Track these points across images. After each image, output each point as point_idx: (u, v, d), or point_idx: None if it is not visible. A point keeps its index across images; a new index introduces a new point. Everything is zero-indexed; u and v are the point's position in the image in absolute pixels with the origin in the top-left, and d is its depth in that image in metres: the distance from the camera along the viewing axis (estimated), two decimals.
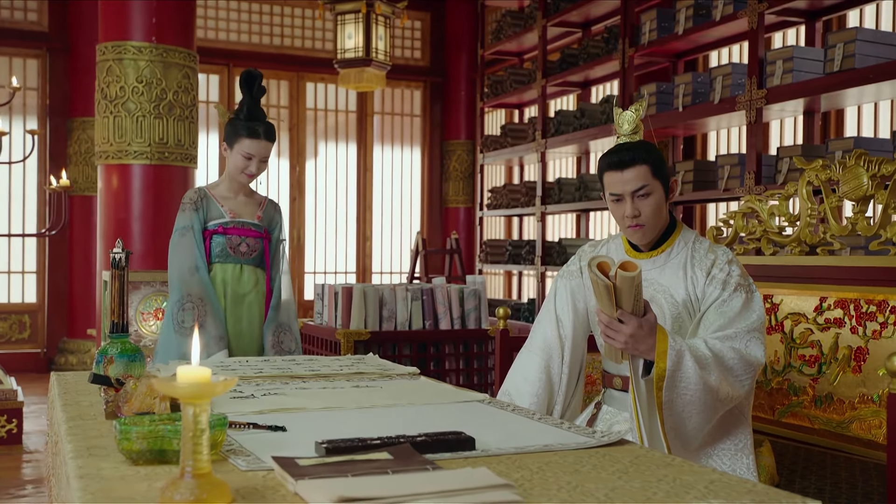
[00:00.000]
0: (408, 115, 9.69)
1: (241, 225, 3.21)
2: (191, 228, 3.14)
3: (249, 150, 3.11)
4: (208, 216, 3.18)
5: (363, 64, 6.93)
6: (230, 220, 3.18)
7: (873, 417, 2.44)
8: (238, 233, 3.19)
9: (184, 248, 3.13)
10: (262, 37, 9.15)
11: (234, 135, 3.13)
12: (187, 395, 1.24)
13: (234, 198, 3.24)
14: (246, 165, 3.13)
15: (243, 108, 3.16)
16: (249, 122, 3.13)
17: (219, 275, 3.17)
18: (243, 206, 3.23)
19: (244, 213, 3.22)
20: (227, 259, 3.19)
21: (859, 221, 2.51)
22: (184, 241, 3.14)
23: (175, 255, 3.15)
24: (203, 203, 3.18)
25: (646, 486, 1.37)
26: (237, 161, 3.14)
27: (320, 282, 9.38)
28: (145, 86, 5.32)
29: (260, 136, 3.13)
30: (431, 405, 2.10)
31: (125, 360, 2.16)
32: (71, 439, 1.65)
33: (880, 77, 3.73)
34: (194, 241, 3.13)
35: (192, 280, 3.08)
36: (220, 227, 3.17)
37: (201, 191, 3.23)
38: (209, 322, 3.02)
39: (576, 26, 6.31)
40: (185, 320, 3.01)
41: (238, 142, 3.12)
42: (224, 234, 3.17)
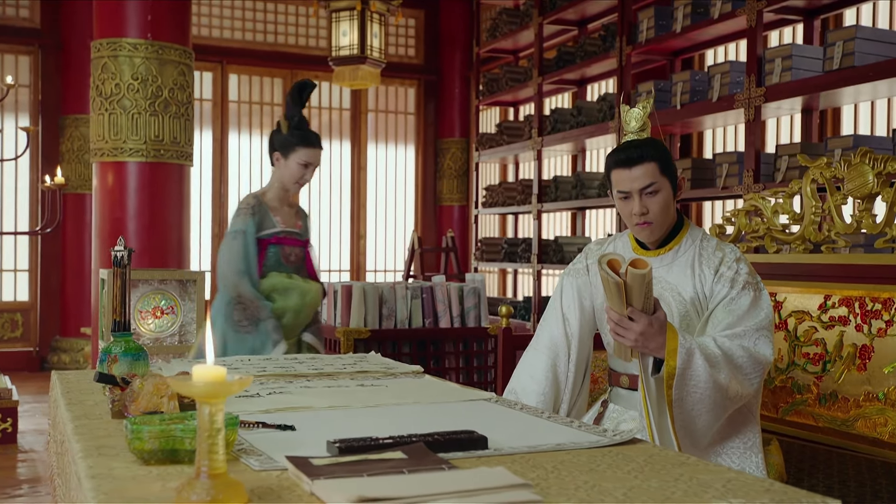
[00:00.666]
0: (402, 113, 9.68)
1: (290, 235, 3.29)
2: (243, 233, 3.18)
3: (307, 158, 3.20)
4: (262, 224, 3.23)
5: (358, 61, 6.91)
6: (282, 230, 3.25)
7: (879, 415, 2.44)
8: (289, 242, 3.26)
9: (233, 251, 3.17)
10: (256, 34, 9.12)
11: (288, 145, 3.21)
12: (203, 395, 1.22)
13: (280, 207, 3.30)
14: (302, 174, 3.22)
15: (294, 117, 3.24)
16: (302, 131, 3.22)
17: (274, 282, 3.23)
18: (288, 215, 3.31)
19: (290, 223, 3.30)
20: (280, 268, 3.25)
21: (864, 219, 2.50)
22: (234, 245, 3.18)
23: (224, 258, 3.20)
24: (259, 210, 3.23)
25: (663, 485, 1.36)
26: (293, 170, 3.21)
27: None
28: (141, 83, 5.28)
29: (314, 145, 3.24)
30: (438, 404, 2.09)
31: (129, 359, 2.14)
32: (79, 439, 1.63)
33: (880, 75, 3.73)
34: (244, 245, 3.17)
35: (240, 283, 3.14)
36: (274, 237, 3.23)
37: (257, 198, 3.27)
38: (265, 317, 3.11)
39: (572, 24, 6.31)
40: (241, 319, 3.11)
41: (294, 151, 3.20)
42: (278, 245, 3.23)
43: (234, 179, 8.98)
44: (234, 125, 9.03)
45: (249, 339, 3.09)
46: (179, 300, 3.69)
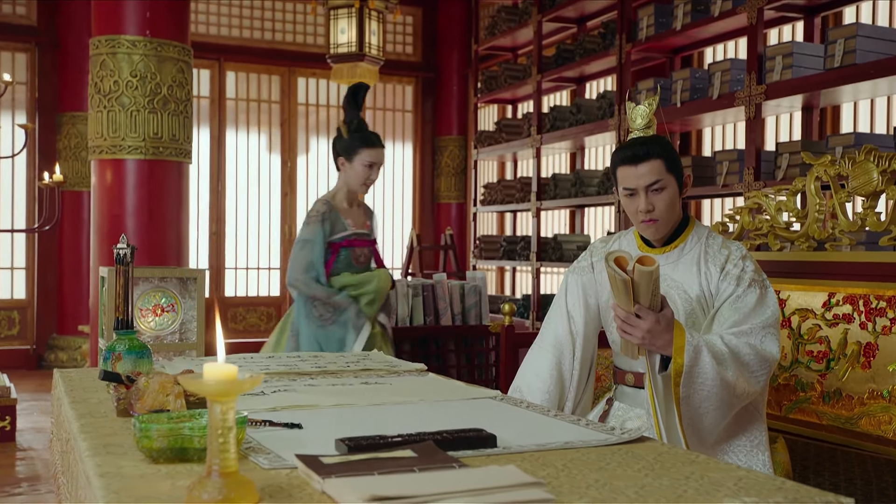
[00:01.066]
0: (399, 111, 9.66)
1: (360, 237, 3.39)
2: (311, 242, 3.29)
3: (371, 158, 3.31)
4: (334, 229, 3.32)
5: (356, 59, 6.90)
6: (353, 233, 3.36)
7: (883, 413, 2.44)
8: (359, 244, 3.37)
9: (300, 260, 3.29)
10: (254, 31, 9.10)
11: (351, 148, 3.31)
12: (215, 393, 1.22)
13: (350, 209, 3.40)
14: (368, 174, 3.32)
15: (353, 121, 3.33)
16: (363, 133, 3.32)
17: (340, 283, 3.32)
18: (357, 216, 3.41)
19: (360, 224, 3.40)
20: (350, 269, 3.37)
21: (869, 217, 2.50)
22: (301, 254, 3.30)
23: (292, 265, 3.32)
24: (330, 216, 3.33)
25: (674, 483, 1.36)
26: (359, 172, 3.31)
27: None
28: (139, 80, 5.27)
29: (376, 145, 3.34)
30: (444, 402, 2.08)
31: (133, 357, 2.13)
32: (85, 437, 1.62)
33: (881, 73, 3.73)
34: (312, 253, 3.28)
35: (309, 286, 3.26)
36: (345, 240, 3.33)
37: (328, 204, 3.37)
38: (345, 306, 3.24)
39: (571, 22, 6.30)
40: (322, 313, 3.23)
41: (358, 153, 3.30)
42: (349, 247, 3.34)
43: (232, 177, 8.96)
44: (231, 123, 9.01)
45: (334, 330, 3.21)
46: (180, 298, 3.68)
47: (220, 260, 8.87)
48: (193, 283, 3.72)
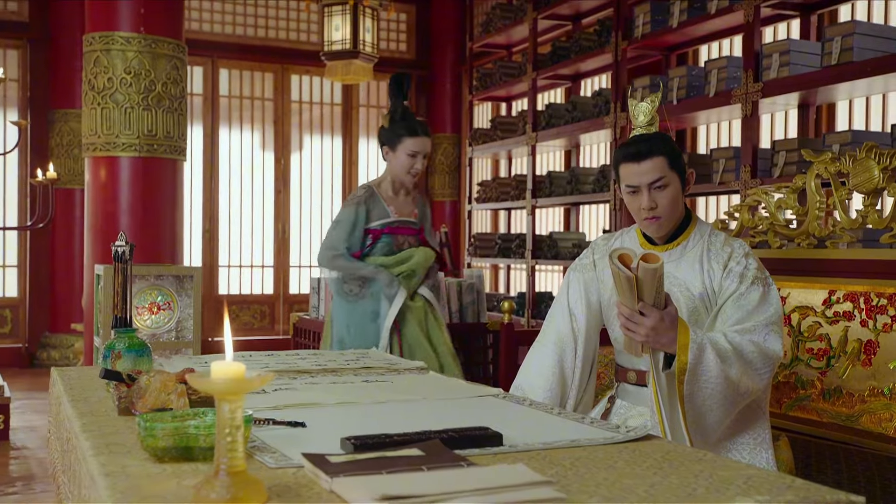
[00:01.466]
0: None
1: (404, 224, 3.38)
2: (342, 222, 3.33)
3: (414, 147, 3.28)
4: (373, 214, 3.32)
5: (350, 56, 6.88)
6: (395, 220, 3.35)
7: (884, 411, 2.44)
8: (402, 231, 3.36)
9: (337, 236, 3.32)
10: (247, 28, 9.06)
11: (394, 137, 3.31)
12: (223, 391, 1.21)
13: (395, 197, 3.40)
14: (412, 164, 3.30)
15: (397, 110, 3.33)
16: (407, 122, 3.31)
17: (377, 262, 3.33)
18: (404, 204, 3.40)
19: (404, 212, 3.39)
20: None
21: (870, 214, 2.50)
22: (333, 233, 3.35)
23: (329, 241, 3.35)
24: (370, 201, 3.34)
25: (684, 482, 1.35)
26: (402, 161, 3.30)
27: (306, 276, 9.36)
28: (133, 77, 5.24)
29: (419, 133, 3.31)
30: (446, 400, 2.08)
31: (133, 355, 2.12)
32: (87, 436, 1.61)
33: (878, 70, 3.73)
34: (350, 233, 3.30)
35: (336, 263, 3.30)
36: (386, 227, 3.33)
37: (370, 189, 3.38)
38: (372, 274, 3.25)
39: (566, 19, 6.29)
40: (352, 288, 3.26)
41: (401, 143, 3.29)
42: (391, 234, 3.33)
43: (225, 175, 8.93)
44: (224, 120, 8.98)
45: (366, 304, 3.23)
46: (176, 296, 3.66)
47: (213, 258, 8.84)
48: (190, 281, 3.70)
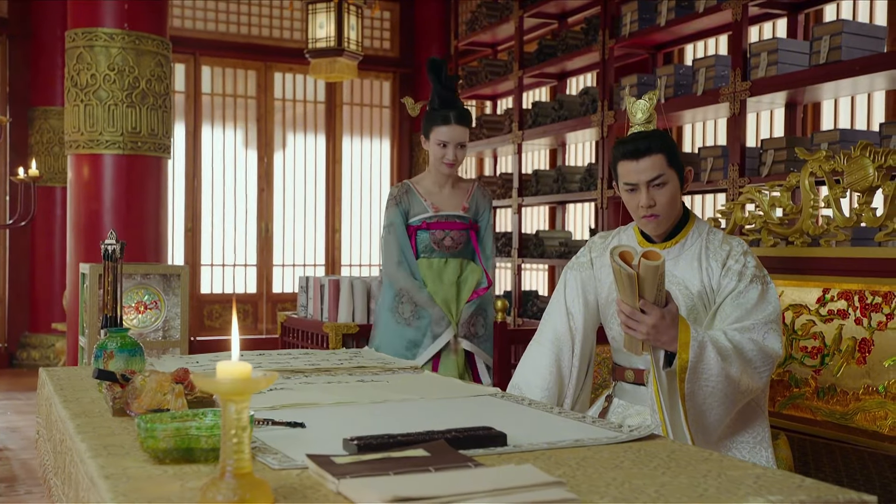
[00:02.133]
0: (377, 106, 9.61)
1: (445, 219, 3.22)
2: (392, 225, 3.21)
3: (443, 136, 3.14)
4: (411, 210, 3.21)
5: (335, 54, 6.85)
6: (433, 215, 3.20)
7: (879, 409, 2.44)
8: (442, 227, 3.20)
9: (388, 244, 3.22)
10: (230, 26, 9.00)
11: (428, 126, 3.19)
12: (229, 392, 1.18)
13: (438, 191, 3.25)
14: (443, 153, 3.15)
15: (435, 97, 3.19)
16: (441, 109, 3.16)
17: (424, 267, 3.21)
18: (448, 198, 3.24)
19: (448, 206, 3.23)
20: (432, 254, 3.23)
21: (865, 212, 2.50)
22: (389, 239, 3.22)
23: (384, 253, 3.26)
24: (405, 198, 3.22)
25: (693, 482, 1.34)
26: (434, 151, 3.18)
27: (289, 275, 9.32)
28: (117, 73, 5.19)
29: (451, 122, 3.15)
30: (444, 399, 2.06)
31: (125, 355, 2.09)
32: (83, 438, 1.58)
33: (867, 69, 3.74)
34: (397, 236, 3.18)
35: (398, 274, 3.17)
36: (423, 223, 3.20)
37: (405, 185, 3.27)
38: (426, 307, 3.12)
39: (552, 17, 6.28)
40: (404, 311, 3.13)
41: (432, 131, 3.17)
42: (427, 230, 3.20)
43: (208, 173, 8.86)
44: (207, 118, 8.92)
45: (408, 331, 3.12)
46: (163, 295, 3.62)
47: (196, 257, 8.78)
48: (177, 280, 3.65)
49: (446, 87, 3.19)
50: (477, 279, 3.25)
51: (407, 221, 3.19)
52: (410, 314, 3.12)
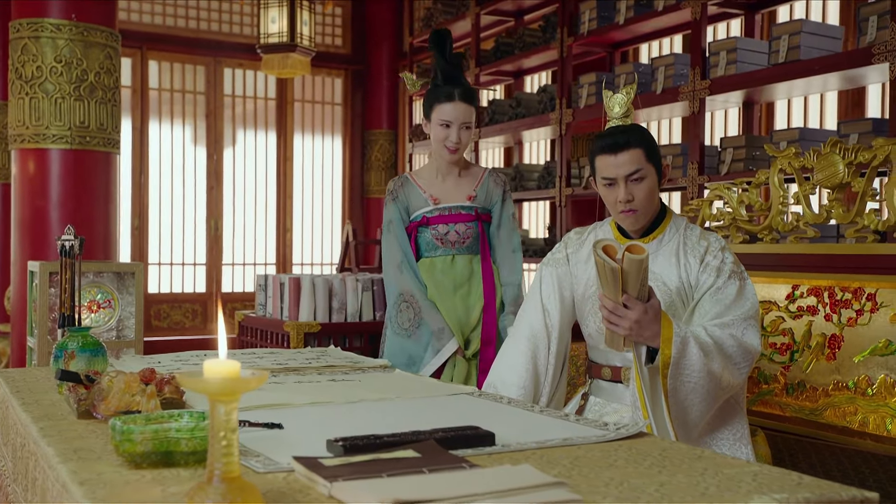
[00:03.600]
0: (329, 104, 9.50)
1: (447, 211, 2.87)
2: (390, 223, 2.89)
3: (447, 115, 2.78)
4: (411, 205, 2.89)
5: (288, 49, 6.75)
6: (433, 209, 2.86)
7: (848, 404, 2.45)
8: (444, 220, 2.86)
9: (389, 244, 2.89)
10: (178, 19, 8.82)
11: (429, 104, 2.85)
12: (218, 391, 1.12)
13: (440, 181, 2.91)
14: (446, 135, 2.79)
15: (437, 72, 2.86)
16: (445, 86, 2.81)
17: (427, 269, 2.87)
18: (452, 188, 2.89)
19: (451, 197, 2.88)
20: (436, 251, 2.87)
21: (835, 209, 2.51)
22: (389, 238, 2.89)
23: (385, 254, 2.91)
24: (403, 192, 2.90)
25: (692, 480, 1.31)
26: (436, 132, 2.82)
27: (239, 273, 9.17)
28: (64, 66, 5.03)
29: (455, 98, 2.78)
30: (421, 398, 2.01)
31: (87, 355, 2.00)
32: (49, 442, 1.49)
33: (826, 69, 3.78)
34: (397, 236, 2.86)
35: (401, 277, 2.83)
36: (423, 217, 2.87)
37: (401, 178, 2.95)
38: (427, 317, 2.78)
39: (509, 15, 6.25)
40: (403, 321, 2.80)
41: (434, 110, 2.82)
42: (428, 226, 2.86)
43: (155, 170, 8.67)
44: (154, 113, 8.72)
45: (409, 343, 2.78)
46: (117, 293, 3.51)
47: (143, 255, 8.58)
48: (131, 278, 3.54)
49: (450, 63, 2.84)
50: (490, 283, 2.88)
51: (409, 218, 2.89)
52: (410, 323, 2.79)
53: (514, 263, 2.90)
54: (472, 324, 2.84)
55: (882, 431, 2.35)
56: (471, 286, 2.87)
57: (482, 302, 2.86)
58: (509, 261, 2.91)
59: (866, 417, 2.39)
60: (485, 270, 2.87)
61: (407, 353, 2.76)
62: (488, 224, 2.91)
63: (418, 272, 2.85)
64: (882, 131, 3.57)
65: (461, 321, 2.83)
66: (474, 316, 2.85)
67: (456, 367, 2.78)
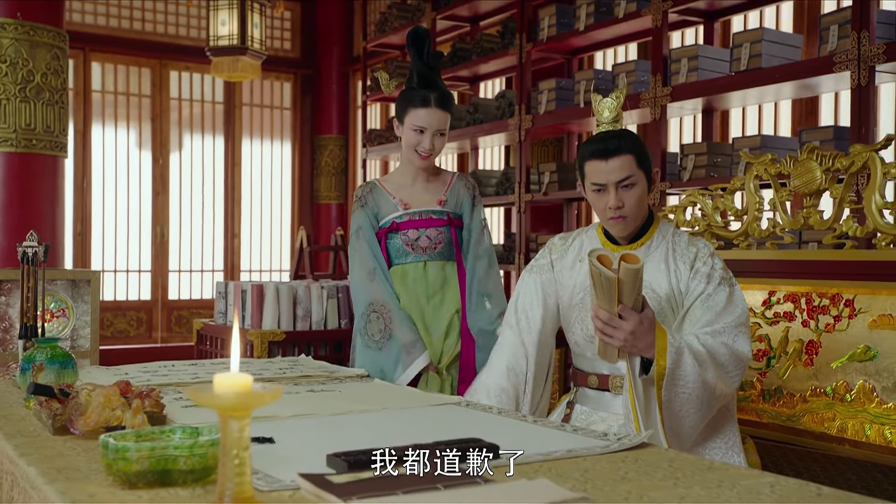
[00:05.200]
0: (278, 108, 9.37)
1: (418, 216, 2.78)
2: (363, 227, 2.77)
3: (420, 121, 2.68)
4: (380, 211, 2.78)
5: (238, 52, 6.63)
6: (403, 213, 2.77)
7: (826, 410, 2.46)
8: (415, 225, 2.76)
9: (358, 252, 2.76)
10: (122, 21, 8.62)
11: (402, 107, 2.73)
12: (231, 407, 1.06)
13: (410, 185, 2.81)
14: (418, 141, 2.70)
15: (413, 74, 2.75)
16: (420, 89, 2.71)
17: (399, 277, 2.76)
18: (422, 193, 2.81)
19: (421, 202, 2.79)
20: (407, 258, 2.77)
21: (812, 215, 2.52)
22: (358, 245, 2.76)
23: (353, 262, 2.79)
24: (371, 197, 2.79)
25: (710, 493, 1.28)
26: (408, 138, 2.72)
27: (186, 281, 8.97)
28: (10, 66, 4.86)
29: (431, 104, 2.69)
30: (409, 409, 1.95)
31: (57, 367, 1.91)
32: (28, 461, 1.41)
33: (787, 77, 3.81)
34: (367, 243, 2.75)
35: (372, 285, 2.71)
36: (392, 223, 2.76)
37: (370, 184, 2.83)
38: (397, 330, 2.64)
39: (465, 20, 6.22)
40: (373, 332, 2.67)
41: (408, 114, 2.71)
42: (398, 231, 2.76)
43: (98, 174, 8.44)
44: (98, 117, 8.50)
45: (379, 357, 2.65)
46: (71, 302, 3.38)
47: (86, 262, 8.35)
48: (86, 286, 3.42)
49: (428, 65, 2.74)
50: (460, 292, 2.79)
51: (378, 224, 2.79)
52: (381, 335, 2.66)
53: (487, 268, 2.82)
54: (444, 334, 2.76)
55: (861, 437, 2.35)
56: (444, 294, 2.78)
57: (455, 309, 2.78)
58: (481, 266, 2.81)
59: (845, 423, 2.40)
60: (459, 277, 2.80)
61: (378, 367, 2.64)
62: (460, 229, 2.83)
63: (391, 280, 2.76)
64: (843, 138, 3.61)
65: (432, 332, 2.75)
66: (445, 326, 2.76)
67: (428, 383, 2.68)
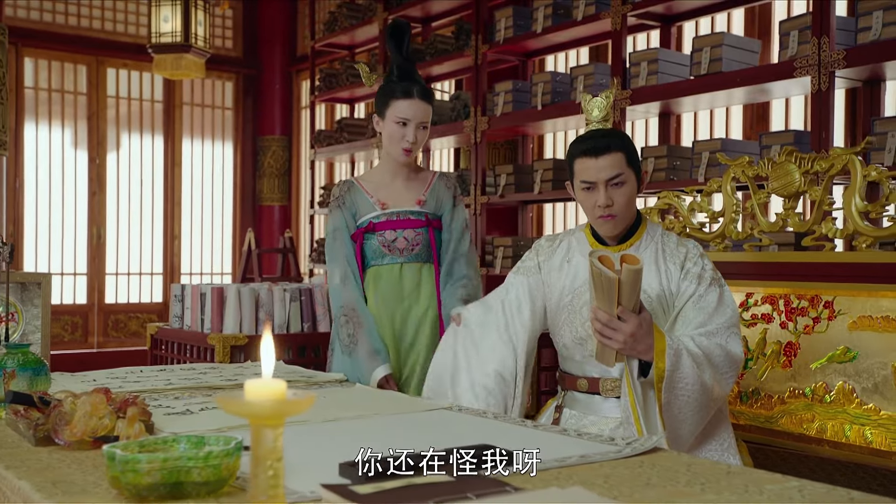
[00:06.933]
0: (219, 108, 9.18)
1: (395, 216, 2.69)
2: (339, 229, 2.69)
3: (404, 113, 2.62)
4: (358, 211, 2.70)
5: (182, 50, 6.49)
6: (380, 213, 2.68)
7: (805, 411, 2.47)
8: (392, 226, 2.68)
9: (334, 253, 2.68)
10: (56, 15, 8.35)
11: (383, 100, 2.66)
12: (266, 415, 0.99)
13: (389, 183, 2.73)
14: (402, 134, 2.63)
15: (393, 68, 2.69)
16: (402, 81, 2.65)
17: (373, 278, 2.68)
18: (401, 192, 2.73)
19: (400, 201, 2.71)
20: (383, 259, 2.69)
21: (790, 217, 2.53)
22: (335, 247, 2.68)
23: (329, 265, 2.72)
24: (349, 197, 2.71)
25: (741, 498, 1.26)
26: (391, 130, 2.65)
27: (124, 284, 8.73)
28: None
29: (413, 95, 2.63)
30: (401, 415, 1.89)
31: (29, 374, 1.80)
32: (18, 474, 1.31)
33: (747, 81, 3.85)
34: (343, 245, 2.67)
35: (344, 289, 2.64)
36: (369, 223, 2.68)
37: (347, 183, 2.75)
38: (361, 338, 2.56)
39: (417, 21, 6.16)
40: (343, 337, 2.61)
41: (390, 106, 2.64)
42: (375, 232, 2.68)
43: (31, 174, 8.16)
44: (30, 114, 8.22)
45: (349, 362, 2.58)
46: (20, 306, 3.22)
47: (19, 264, 8.06)
48: (36, 289, 3.27)
49: (407, 59, 2.71)
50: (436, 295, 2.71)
51: (356, 224, 2.71)
52: (350, 339, 2.60)
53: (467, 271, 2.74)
54: (410, 341, 2.69)
55: (841, 438, 2.37)
56: (419, 296, 2.70)
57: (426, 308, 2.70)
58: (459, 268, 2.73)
59: (824, 424, 2.41)
60: (436, 279, 2.72)
61: (353, 371, 2.56)
62: (439, 231, 2.76)
63: (360, 285, 2.69)
64: (803, 143, 3.65)
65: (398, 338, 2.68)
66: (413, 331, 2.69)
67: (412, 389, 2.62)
